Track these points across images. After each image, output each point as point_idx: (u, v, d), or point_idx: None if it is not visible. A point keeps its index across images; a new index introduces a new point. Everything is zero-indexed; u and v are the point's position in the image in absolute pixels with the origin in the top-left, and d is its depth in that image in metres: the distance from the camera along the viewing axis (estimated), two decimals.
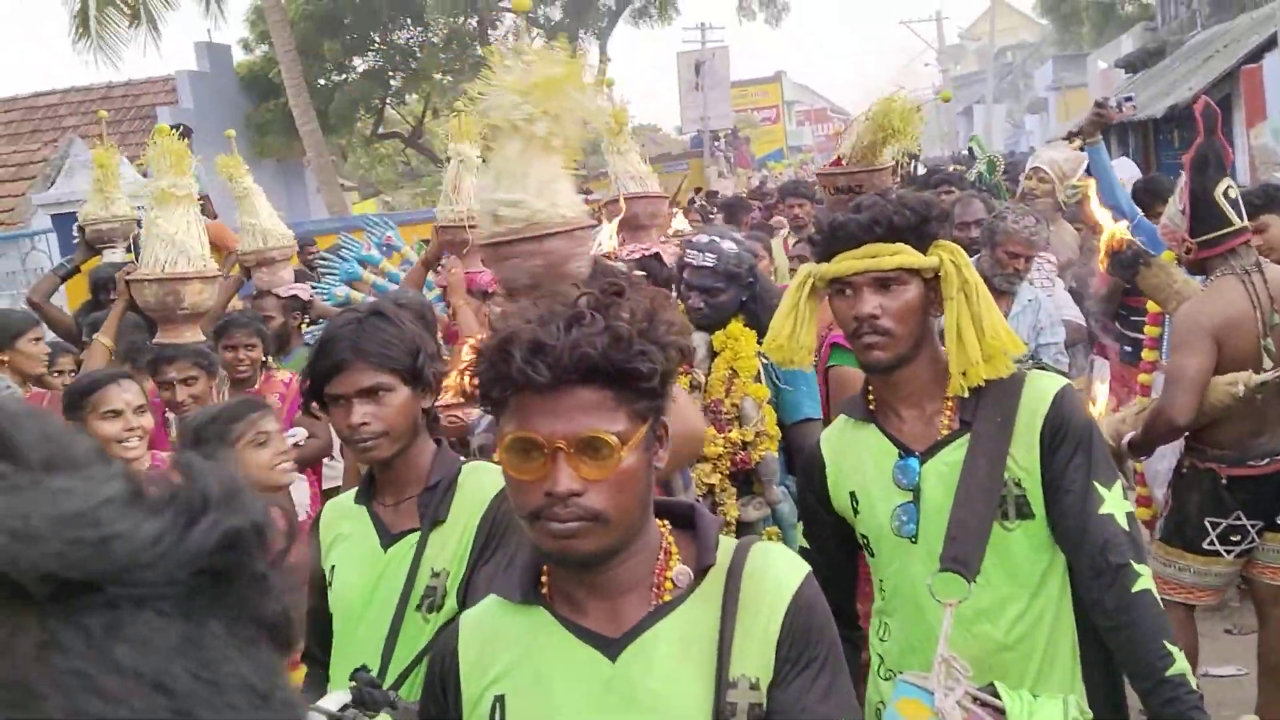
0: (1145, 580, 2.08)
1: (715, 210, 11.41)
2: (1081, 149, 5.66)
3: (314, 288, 5.67)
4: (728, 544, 1.58)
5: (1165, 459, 3.81)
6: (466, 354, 3.35)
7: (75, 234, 6.23)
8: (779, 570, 1.56)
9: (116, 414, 3.26)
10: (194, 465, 0.50)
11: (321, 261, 6.93)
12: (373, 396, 2.17)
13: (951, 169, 14.61)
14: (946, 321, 2.15)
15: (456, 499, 2.22)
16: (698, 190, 19.89)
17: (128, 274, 4.11)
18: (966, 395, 2.17)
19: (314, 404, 2.29)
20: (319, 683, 2.22)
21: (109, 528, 0.45)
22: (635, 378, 1.41)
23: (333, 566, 2.26)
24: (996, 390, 2.16)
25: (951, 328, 2.14)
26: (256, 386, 4.40)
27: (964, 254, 2.19)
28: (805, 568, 1.60)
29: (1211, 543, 3.59)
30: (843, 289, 2.19)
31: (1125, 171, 8.36)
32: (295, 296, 5.24)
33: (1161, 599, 3.44)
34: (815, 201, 8.65)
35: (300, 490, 4.39)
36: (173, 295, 3.87)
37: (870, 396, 2.31)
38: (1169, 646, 2.04)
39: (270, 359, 4.60)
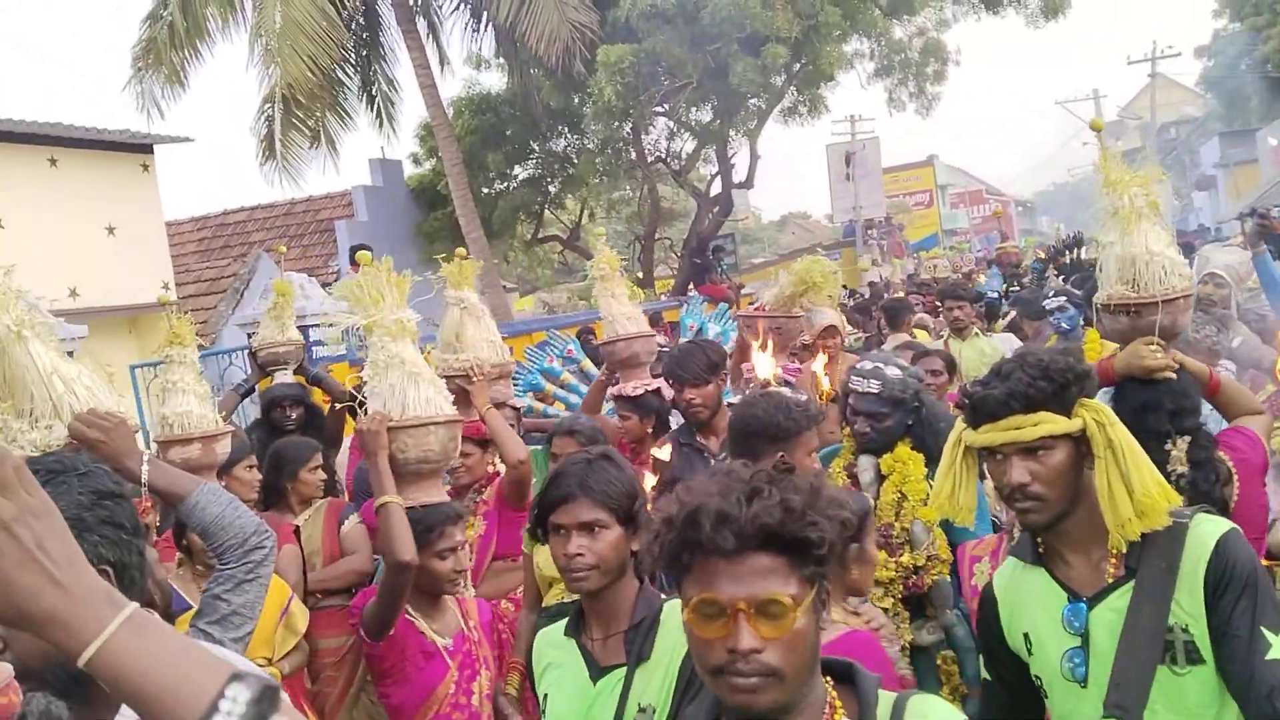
0: None
1: (875, 307, 11.40)
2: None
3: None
4: (886, 699, 1.67)
5: None
6: None
7: (250, 356, 6.66)
8: None
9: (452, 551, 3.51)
10: None
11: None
12: (589, 531, 2.38)
13: None
14: (1097, 481, 2.18)
15: (660, 636, 2.36)
16: (845, 288, 19.85)
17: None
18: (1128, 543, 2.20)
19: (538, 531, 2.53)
20: None
21: None
22: (807, 546, 1.57)
23: (546, 695, 2.43)
24: (1160, 537, 2.18)
25: (1103, 487, 2.17)
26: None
27: (1109, 412, 2.21)
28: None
29: None
30: (993, 454, 2.25)
31: None
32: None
33: None
34: (974, 302, 8.63)
35: None
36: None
37: (1039, 540, 2.36)
38: None
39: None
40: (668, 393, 4.98)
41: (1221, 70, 40.54)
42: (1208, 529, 2.20)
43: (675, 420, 5.03)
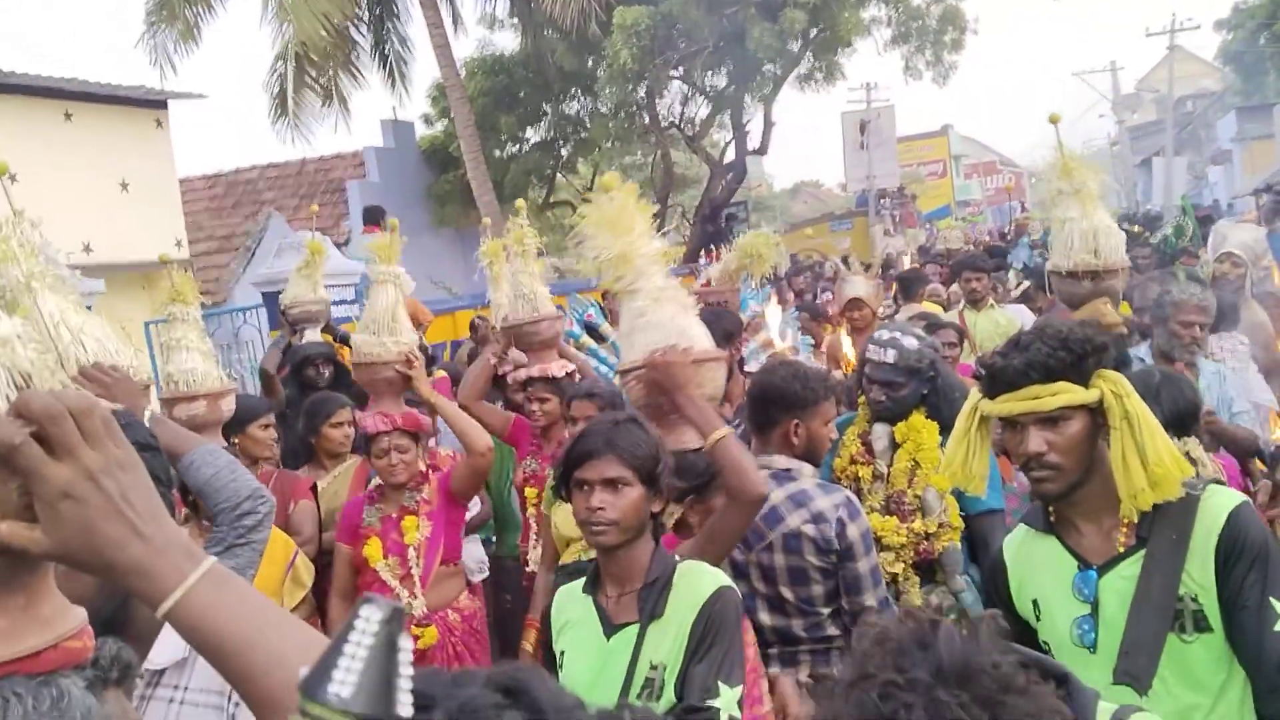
0: None
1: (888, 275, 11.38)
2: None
3: None
4: (1104, 715, 1.57)
5: None
6: None
7: (280, 313, 6.73)
8: None
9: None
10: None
11: None
12: (613, 488, 2.42)
13: (1135, 229, 14.25)
14: (1112, 451, 2.19)
15: (673, 596, 2.43)
16: (845, 259, 19.78)
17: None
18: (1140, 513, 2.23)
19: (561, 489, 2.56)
20: None
21: None
22: None
23: (563, 651, 2.48)
24: (1172, 507, 2.20)
25: (1117, 457, 2.18)
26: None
27: (1126, 383, 2.22)
28: None
29: None
30: (1011, 424, 2.27)
31: None
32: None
33: None
34: (991, 274, 8.62)
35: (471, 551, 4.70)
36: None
37: (1050, 509, 2.38)
38: None
39: None
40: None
41: (1240, 44, 40.17)
42: (1220, 500, 2.22)
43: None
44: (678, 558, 2.57)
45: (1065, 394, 2.18)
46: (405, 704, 0.67)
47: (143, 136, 13.79)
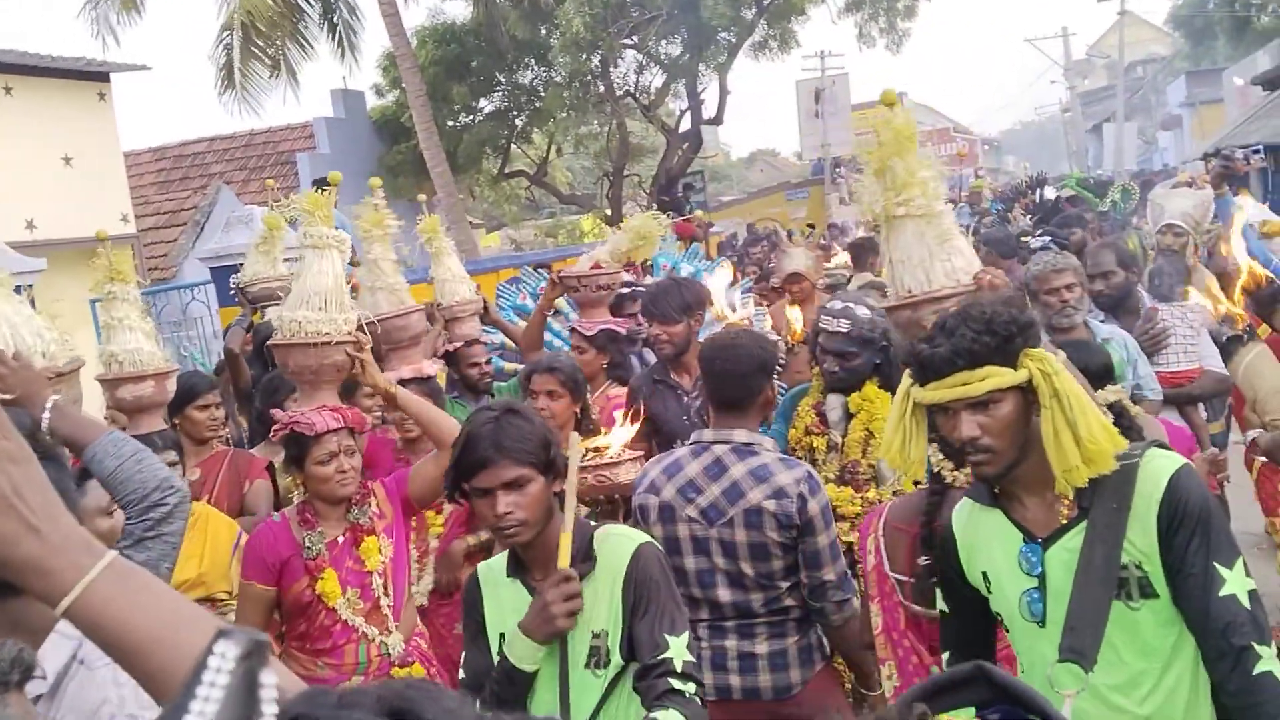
0: (1267, 662, 2.08)
1: (832, 242, 11.39)
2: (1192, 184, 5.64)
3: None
4: None
5: None
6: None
7: (233, 290, 6.58)
8: None
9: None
10: None
11: None
12: (515, 488, 2.39)
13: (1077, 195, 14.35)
14: (1043, 429, 2.17)
15: (598, 565, 2.44)
16: (811, 226, 19.86)
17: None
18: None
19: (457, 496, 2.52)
20: None
21: None
22: None
23: (501, 634, 2.46)
24: (1112, 476, 2.19)
25: (1049, 435, 2.16)
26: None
27: (1053, 361, 2.20)
28: None
29: None
30: (943, 409, 2.25)
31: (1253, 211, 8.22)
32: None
33: None
34: None
35: None
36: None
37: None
38: None
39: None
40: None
41: (1189, 9, 40.55)
42: (1159, 465, 2.21)
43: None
44: (592, 524, 2.58)
45: (993, 377, 2.15)
46: None
47: (85, 110, 13.51)
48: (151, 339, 4.21)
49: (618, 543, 2.47)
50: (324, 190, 3.83)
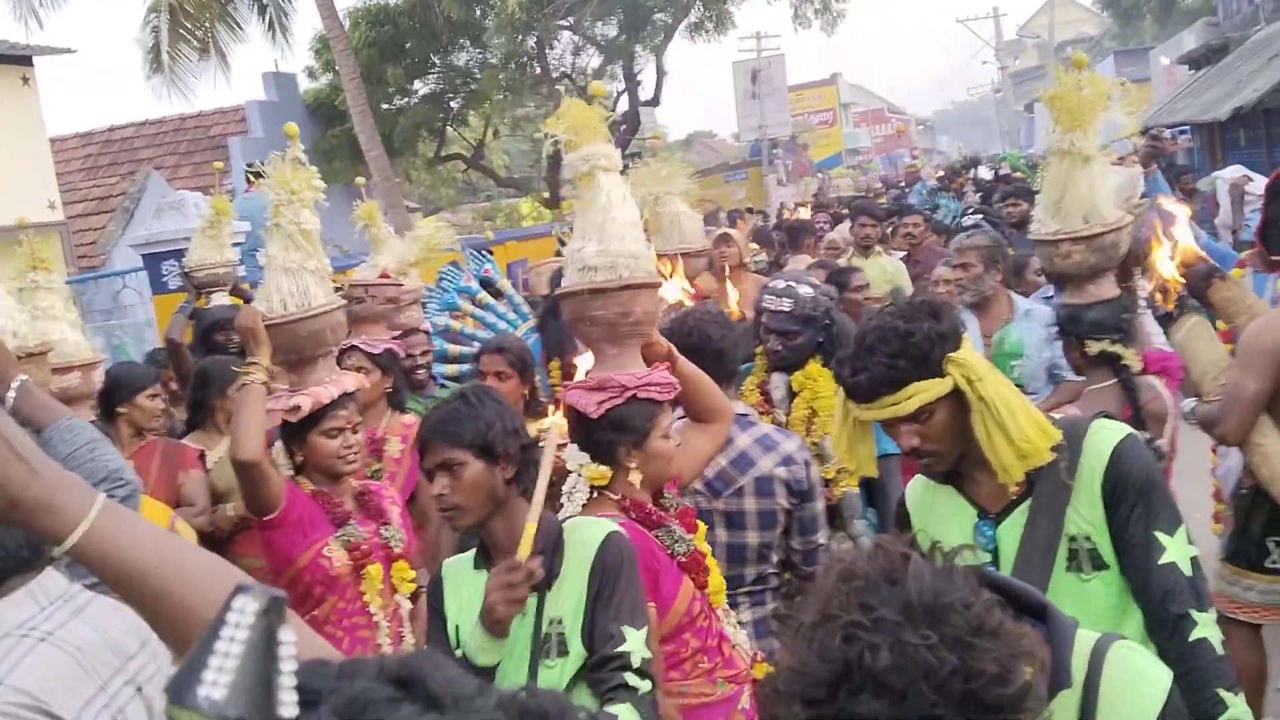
0: (1203, 629, 2.12)
1: (777, 231, 11.42)
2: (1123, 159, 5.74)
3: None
4: (1083, 644, 1.59)
5: (1235, 474, 3.83)
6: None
7: (178, 275, 6.42)
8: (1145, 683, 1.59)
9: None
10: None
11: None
12: (448, 471, 2.38)
13: (1016, 173, 14.60)
14: (976, 431, 2.18)
15: (567, 555, 2.41)
16: (750, 210, 19.93)
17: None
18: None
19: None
20: None
21: None
22: None
23: (457, 627, 2.44)
24: (1058, 450, 2.21)
25: (983, 437, 2.18)
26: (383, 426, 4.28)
27: (978, 365, 2.20)
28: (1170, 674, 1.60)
29: (1275, 561, 3.60)
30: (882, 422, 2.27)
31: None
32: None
33: (1228, 617, 3.47)
34: (882, 222, 8.73)
35: None
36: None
37: None
38: (1223, 694, 2.07)
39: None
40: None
41: None
42: (1104, 436, 2.24)
43: None
44: (558, 518, 2.55)
45: (919, 394, 2.16)
46: (288, 702, 0.63)
47: (8, 94, 13.17)
48: (77, 329, 4.13)
49: (589, 531, 2.45)
50: (259, 172, 3.65)
